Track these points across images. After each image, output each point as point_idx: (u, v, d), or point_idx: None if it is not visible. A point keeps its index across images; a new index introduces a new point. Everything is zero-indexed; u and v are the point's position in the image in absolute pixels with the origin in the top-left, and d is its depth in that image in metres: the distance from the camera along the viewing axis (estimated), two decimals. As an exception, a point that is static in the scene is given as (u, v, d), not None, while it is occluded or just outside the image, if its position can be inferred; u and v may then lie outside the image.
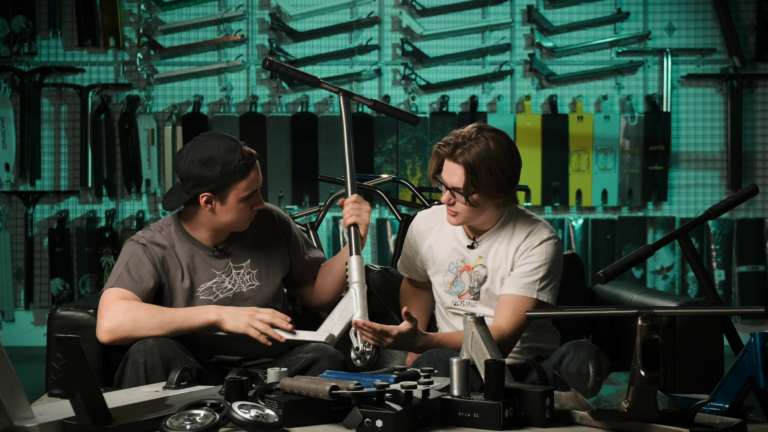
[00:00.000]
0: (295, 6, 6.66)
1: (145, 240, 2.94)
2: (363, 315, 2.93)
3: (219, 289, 2.98)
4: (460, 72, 6.70)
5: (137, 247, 2.93)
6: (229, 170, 2.84)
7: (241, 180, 2.86)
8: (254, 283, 3.02)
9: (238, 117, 6.57)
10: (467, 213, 2.93)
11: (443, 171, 2.93)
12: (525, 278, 2.92)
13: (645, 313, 2.23)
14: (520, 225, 3.00)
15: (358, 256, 3.03)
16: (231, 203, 2.88)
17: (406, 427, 2.22)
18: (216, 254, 2.99)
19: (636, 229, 6.63)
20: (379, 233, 6.56)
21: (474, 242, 3.03)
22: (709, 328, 3.00)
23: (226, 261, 3.00)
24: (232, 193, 2.87)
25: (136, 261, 2.90)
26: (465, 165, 2.86)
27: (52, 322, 2.98)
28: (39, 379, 4.57)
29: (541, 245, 2.95)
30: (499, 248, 3.00)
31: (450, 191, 2.91)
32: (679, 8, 6.72)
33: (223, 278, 2.99)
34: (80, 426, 2.15)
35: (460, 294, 3.03)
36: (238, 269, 3.01)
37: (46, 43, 6.67)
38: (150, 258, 2.91)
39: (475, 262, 3.02)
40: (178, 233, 2.97)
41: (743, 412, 2.39)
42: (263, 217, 3.07)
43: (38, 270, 6.68)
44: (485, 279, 3.00)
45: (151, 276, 2.89)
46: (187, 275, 2.95)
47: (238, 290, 3.00)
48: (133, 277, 2.87)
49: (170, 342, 2.76)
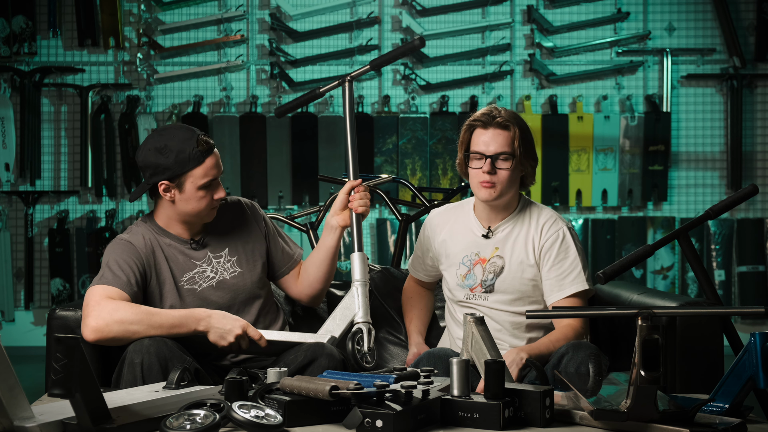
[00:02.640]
0: (295, 6, 6.66)
1: (125, 237, 2.98)
2: (365, 315, 2.93)
3: (201, 278, 3.00)
4: (460, 72, 6.70)
5: (118, 243, 2.96)
6: (184, 157, 2.87)
7: (196, 167, 2.89)
8: (236, 270, 3.04)
9: (238, 117, 6.57)
10: (506, 182, 2.98)
11: (479, 142, 2.99)
12: (567, 277, 3.02)
13: (645, 313, 2.23)
14: (534, 215, 3.08)
15: (361, 253, 3.04)
16: (189, 191, 2.91)
17: (406, 427, 2.22)
18: (193, 246, 3.02)
19: (636, 229, 6.63)
20: (379, 233, 6.56)
21: (489, 231, 3.04)
22: (709, 328, 3.00)
23: (205, 251, 3.03)
24: (189, 180, 2.90)
25: (117, 257, 2.92)
26: (511, 123, 2.98)
27: (52, 322, 2.98)
28: (39, 379, 4.57)
29: (566, 239, 3.05)
30: (517, 239, 3.05)
31: (491, 160, 2.95)
32: (679, 8, 6.72)
33: (204, 267, 3.01)
34: (80, 426, 2.15)
35: (472, 287, 3.04)
36: (217, 258, 3.03)
37: (46, 43, 6.67)
38: (131, 252, 2.93)
39: (492, 253, 3.04)
40: (154, 230, 3.00)
41: (743, 412, 2.39)
42: (233, 207, 3.11)
43: (38, 270, 6.68)
44: (502, 270, 3.03)
45: (132, 270, 2.90)
46: (170, 267, 2.97)
47: (221, 278, 3.02)
48: (116, 273, 2.88)
49: (167, 342, 2.76)
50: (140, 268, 2.92)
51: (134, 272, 2.90)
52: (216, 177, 2.94)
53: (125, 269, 2.89)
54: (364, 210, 3.07)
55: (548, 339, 2.94)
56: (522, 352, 2.84)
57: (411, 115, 6.60)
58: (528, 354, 2.83)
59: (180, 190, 2.91)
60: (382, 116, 6.60)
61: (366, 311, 2.94)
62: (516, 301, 3.03)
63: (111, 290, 2.84)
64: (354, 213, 3.07)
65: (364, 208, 3.06)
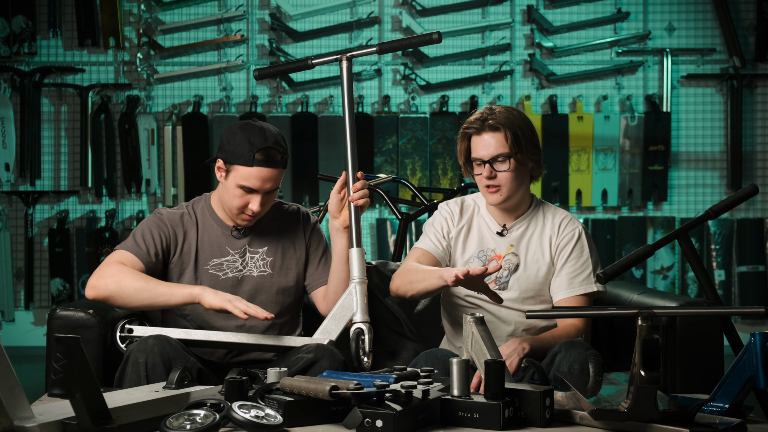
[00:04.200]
0: (295, 6, 6.66)
1: (165, 211, 3.05)
2: (363, 314, 2.91)
3: (229, 268, 3.03)
4: (460, 72, 6.70)
5: (153, 216, 3.04)
6: (238, 152, 2.91)
7: (242, 166, 2.91)
8: (266, 270, 3.05)
9: (238, 117, 6.57)
10: (510, 183, 2.97)
11: (476, 148, 2.98)
12: (578, 276, 3.01)
13: (645, 313, 2.23)
14: (549, 214, 3.08)
15: (359, 249, 2.96)
16: (230, 182, 2.95)
17: (406, 427, 2.22)
18: (234, 234, 3.04)
19: (636, 229, 6.63)
20: (379, 233, 6.56)
21: (504, 229, 3.05)
22: (709, 328, 3.00)
23: (243, 242, 3.05)
24: (233, 173, 2.93)
25: (145, 228, 3.00)
26: (503, 127, 2.95)
27: (52, 322, 2.99)
28: (39, 379, 4.57)
29: (581, 238, 3.05)
30: (532, 237, 3.05)
31: (490, 164, 2.95)
32: (679, 8, 6.72)
33: (236, 258, 3.04)
34: (80, 426, 2.15)
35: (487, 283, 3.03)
36: (253, 253, 3.06)
37: (46, 43, 6.67)
38: (161, 226, 3.00)
39: (507, 250, 3.05)
40: (204, 209, 3.07)
41: (743, 412, 2.39)
42: (289, 214, 3.14)
43: (38, 270, 6.68)
44: (517, 267, 3.03)
45: (154, 243, 2.97)
46: (200, 248, 3.01)
47: (248, 273, 3.03)
48: (137, 242, 2.96)
49: (171, 341, 2.76)
50: (165, 240, 2.99)
51: (156, 244, 2.97)
52: (258, 189, 2.92)
53: (147, 239, 2.96)
54: (364, 202, 2.99)
55: (551, 334, 2.94)
56: (524, 342, 2.85)
57: (411, 115, 6.61)
58: (530, 345, 2.84)
59: (226, 176, 2.96)
60: (382, 116, 6.60)
61: (365, 310, 2.92)
62: (528, 299, 3.03)
63: (126, 255, 2.93)
64: (353, 205, 2.98)
65: (364, 200, 2.98)
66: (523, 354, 2.81)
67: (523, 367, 2.88)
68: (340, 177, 3.03)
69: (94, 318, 2.93)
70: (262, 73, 3.25)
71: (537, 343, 2.87)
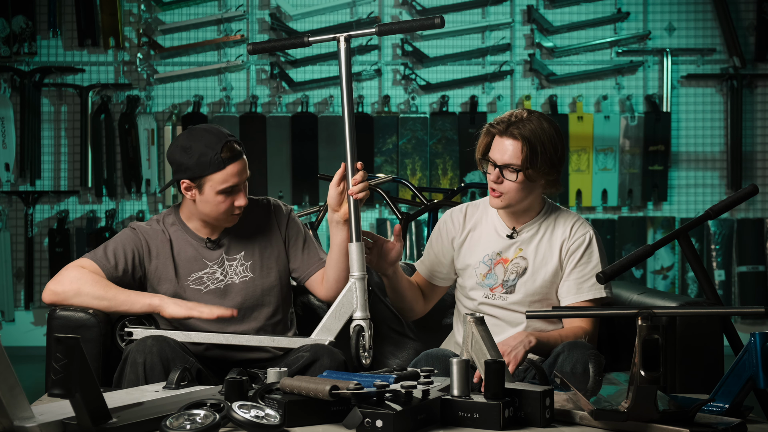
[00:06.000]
0: (295, 6, 6.65)
1: (137, 226, 3.01)
2: (363, 311, 2.90)
3: (210, 280, 3.00)
4: (460, 72, 6.70)
5: (127, 231, 3.01)
6: (204, 161, 2.87)
7: (215, 172, 2.87)
8: (247, 275, 3.02)
9: (238, 117, 6.57)
10: (514, 193, 2.94)
11: (494, 149, 2.95)
12: (587, 281, 2.99)
13: (645, 313, 2.23)
14: (561, 218, 3.04)
15: (359, 243, 2.88)
16: (208, 194, 2.90)
17: (406, 427, 2.22)
18: (209, 245, 3.01)
19: (636, 229, 6.63)
20: (379, 233, 6.55)
21: (514, 232, 3.03)
22: (709, 328, 3.00)
23: (219, 252, 3.02)
24: (208, 184, 2.89)
25: (118, 242, 2.97)
26: (522, 138, 2.90)
27: (52, 322, 2.98)
28: (39, 379, 4.57)
29: (592, 243, 3.02)
30: (542, 241, 3.02)
31: (500, 169, 2.92)
32: (679, 8, 6.72)
33: (215, 269, 3.00)
34: (80, 426, 2.15)
35: (492, 287, 3.02)
36: (231, 261, 3.02)
37: (46, 43, 6.67)
38: (134, 243, 2.97)
39: (515, 254, 3.03)
40: (174, 224, 3.02)
41: (743, 412, 2.39)
42: (260, 209, 3.08)
43: (38, 270, 6.68)
44: (525, 271, 3.01)
45: (125, 258, 2.94)
46: (178, 264, 2.98)
47: (229, 281, 3.01)
48: (107, 255, 2.94)
49: (169, 341, 2.76)
50: (138, 256, 2.96)
51: (126, 260, 2.94)
52: (237, 184, 2.90)
53: (118, 254, 2.94)
54: (364, 195, 2.90)
55: (558, 333, 2.94)
56: (531, 335, 2.83)
57: (411, 115, 6.61)
58: (537, 339, 2.83)
59: (200, 191, 2.91)
60: (382, 116, 6.60)
61: (365, 307, 2.90)
62: (535, 303, 3.01)
63: (90, 264, 2.93)
64: (352, 199, 2.88)
65: (364, 192, 2.89)
66: (529, 347, 2.80)
67: (524, 367, 2.88)
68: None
69: (94, 318, 2.93)
70: (257, 48, 3.09)
71: (544, 339, 2.87)
